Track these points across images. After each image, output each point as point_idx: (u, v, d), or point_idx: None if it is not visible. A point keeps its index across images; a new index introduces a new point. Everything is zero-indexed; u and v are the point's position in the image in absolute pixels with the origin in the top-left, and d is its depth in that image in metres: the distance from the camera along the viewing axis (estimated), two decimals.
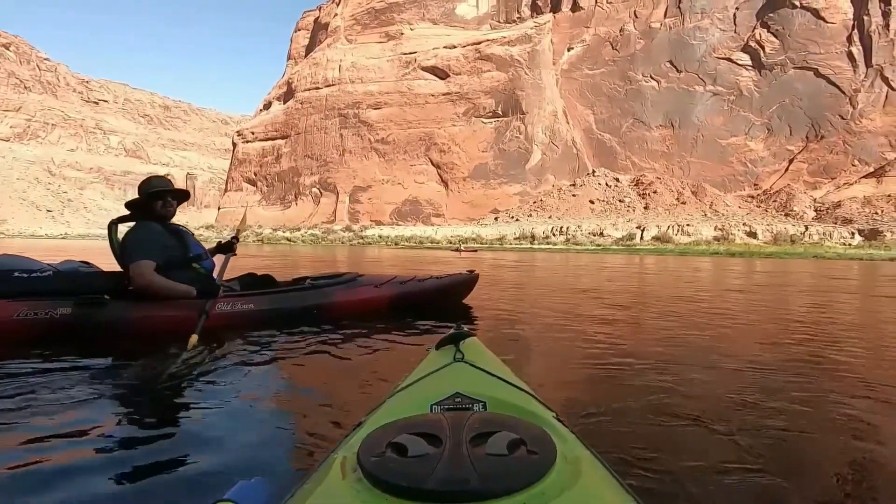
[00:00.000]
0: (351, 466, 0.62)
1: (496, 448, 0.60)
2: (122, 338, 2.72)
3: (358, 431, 0.80)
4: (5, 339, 2.55)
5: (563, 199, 74.92)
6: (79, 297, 2.70)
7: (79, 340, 2.63)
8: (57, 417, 1.64)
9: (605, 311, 4.85)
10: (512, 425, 0.66)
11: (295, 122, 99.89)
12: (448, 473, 0.54)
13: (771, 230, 48.11)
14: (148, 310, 2.80)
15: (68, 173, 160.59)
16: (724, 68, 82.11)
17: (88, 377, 2.11)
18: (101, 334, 2.69)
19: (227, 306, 2.98)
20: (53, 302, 2.65)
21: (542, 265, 15.21)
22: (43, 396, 1.84)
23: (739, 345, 3.29)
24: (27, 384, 1.97)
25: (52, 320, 2.61)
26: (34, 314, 2.60)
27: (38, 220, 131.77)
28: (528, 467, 0.56)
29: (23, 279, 2.68)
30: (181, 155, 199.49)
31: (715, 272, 12.81)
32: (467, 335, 1.21)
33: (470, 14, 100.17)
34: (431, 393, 0.90)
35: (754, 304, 5.66)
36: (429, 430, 0.65)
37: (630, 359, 2.61)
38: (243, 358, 2.47)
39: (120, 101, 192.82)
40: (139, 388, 2.06)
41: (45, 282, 2.71)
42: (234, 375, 2.20)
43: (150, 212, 2.97)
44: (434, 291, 4.24)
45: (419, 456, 0.59)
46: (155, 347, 2.54)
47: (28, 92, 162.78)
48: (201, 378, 2.15)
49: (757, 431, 1.61)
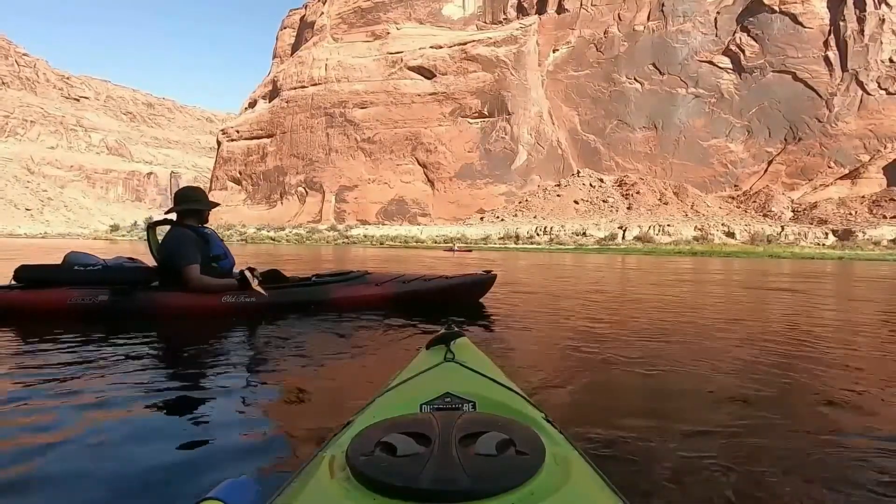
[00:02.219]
0: (339, 465, 0.62)
1: (485, 448, 0.60)
2: (145, 320, 3.29)
3: (347, 430, 0.80)
4: (60, 318, 3.23)
5: (548, 200, 75.69)
6: (114, 287, 3.36)
7: (112, 322, 3.21)
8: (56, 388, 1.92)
9: (588, 308, 4.92)
10: (501, 426, 0.67)
11: (280, 121, 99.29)
12: (437, 473, 0.54)
13: (749, 230, 49.32)
14: (166, 298, 3.40)
15: (48, 171, 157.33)
16: (705, 71, 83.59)
17: (99, 355, 2.45)
18: (128, 317, 3.30)
19: (231, 298, 3.45)
20: (97, 290, 3.33)
21: (524, 263, 15.63)
22: (50, 364, 2.24)
23: (726, 342, 3.25)
24: (47, 355, 2.43)
25: (94, 305, 3.30)
26: (81, 300, 3.30)
27: (16, 218, 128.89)
28: (517, 468, 0.57)
29: (79, 272, 3.40)
30: (165, 153, 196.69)
31: (685, 271, 13.34)
32: (458, 335, 1.20)
33: (456, 14, 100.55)
34: (421, 392, 0.90)
35: (731, 302, 5.99)
36: (418, 430, 0.65)
37: (618, 358, 2.62)
38: (231, 355, 2.53)
39: (102, 98, 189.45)
40: (140, 372, 2.17)
41: (94, 274, 3.40)
42: (221, 373, 2.21)
43: (194, 218, 3.58)
44: (444, 290, 4.21)
45: (408, 455, 0.59)
46: (172, 328, 3.19)
47: (6, 88, 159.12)
48: (189, 375, 2.19)
49: (745, 430, 1.63)
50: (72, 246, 25.53)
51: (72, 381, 2.02)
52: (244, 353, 2.55)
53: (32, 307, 3.30)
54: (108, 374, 2.13)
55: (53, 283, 3.39)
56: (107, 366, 2.26)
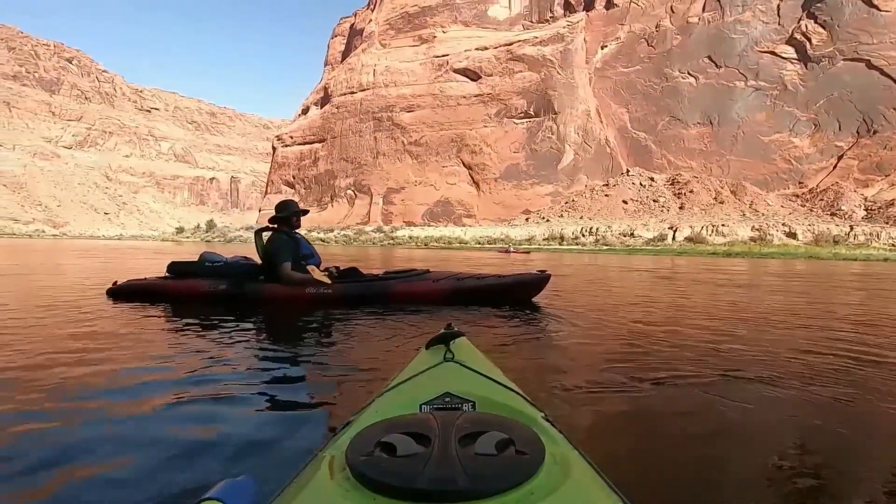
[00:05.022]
0: (339, 465, 0.62)
1: (485, 448, 0.60)
2: (253, 305, 4.17)
3: (346, 430, 0.80)
4: (195, 301, 4.32)
5: (596, 200, 73.96)
6: (231, 278, 4.34)
7: (229, 305, 4.15)
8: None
9: (633, 310, 4.74)
10: (501, 425, 0.67)
11: (331, 127, 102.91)
12: (437, 473, 0.55)
13: (812, 230, 46.15)
14: (267, 289, 4.25)
15: (123, 178, 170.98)
16: (766, 62, 78.95)
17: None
18: (240, 302, 4.22)
19: (314, 289, 4.20)
20: (219, 281, 4.33)
21: (568, 263, 15.68)
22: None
23: (747, 349, 2.98)
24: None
25: (217, 292, 4.27)
26: (209, 288, 4.31)
27: (96, 222, 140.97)
28: (517, 467, 0.57)
29: (209, 267, 4.48)
30: (226, 159, 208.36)
31: (742, 275, 12.93)
32: (458, 335, 1.21)
33: (502, 15, 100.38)
34: (421, 392, 0.90)
35: (740, 306, 5.74)
36: (418, 430, 0.65)
37: (626, 359, 2.56)
38: (231, 355, 2.57)
39: (170, 109, 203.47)
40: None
41: (218, 269, 4.45)
42: (222, 372, 2.26)
43: (286, 224, 4.40)
44: (499, 288, 4.51)
45: (408, 455, 0.59)
46: (274, 314, 3.95)
47: (88, 102, 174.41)
48: (190, 371, 2.24)
49: (745, 433, 1.60)
50: (143, 248, 28.19)
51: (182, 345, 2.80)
52: (241, 354, 2.61)
53: (178, 292, 4.41)
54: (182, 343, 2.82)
55: (191, 275, 4.49)
56: (191, 336, 3.04)
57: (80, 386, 2.02)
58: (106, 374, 2.19)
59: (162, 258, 13.73)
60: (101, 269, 10.09)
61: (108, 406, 1.77)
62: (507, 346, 2.86)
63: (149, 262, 12.89)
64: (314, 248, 4.51)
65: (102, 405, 1.78)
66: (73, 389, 1.97)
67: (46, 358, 2.44)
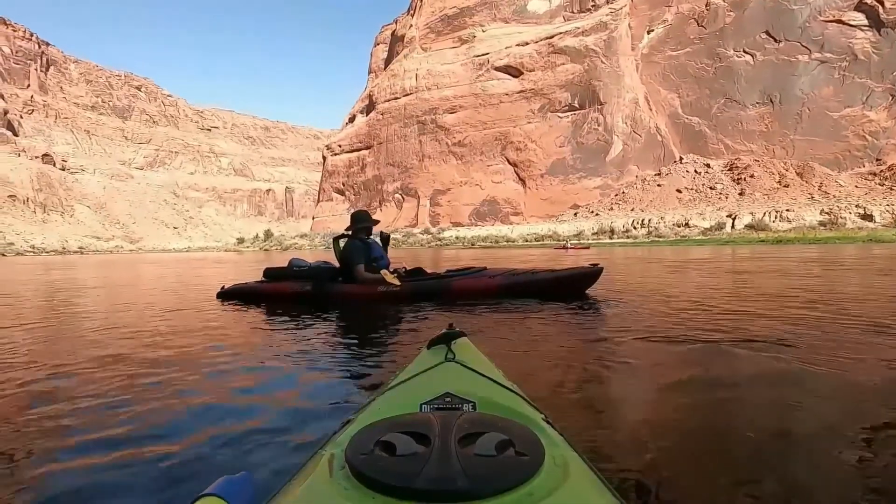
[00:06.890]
0: (339, 464, 0.62)
1: (485, 449, 0.60)
2: (333, 302, 4.79)
3: (346, 429, 0.80)
4: (286, 300, 5.00)
5: (647, 190, 71.45)
6: (314, 280, 4.99)
7: (312, 303, 4.78)
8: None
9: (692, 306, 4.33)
10: (501, 426, 0.67)
11: (377, 133, 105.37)
12: (436, 473, 0.55)
13: (892, 211, 42.39)
14: (345, 288, 4.89)
15: (189, 194, 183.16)
16: (832, 32, 73.13)
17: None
18: (322, 301, 4.84)
19: (384, 287, 4.73)
20: (305, 283, 4.99)
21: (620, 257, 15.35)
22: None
23: (766, 343, 2.75)
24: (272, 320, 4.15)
25: (303, 292, 4.92)
26: (296, 288, 4.98)
27: (166, 236, 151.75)
28: (516, 468, 0.57)
29: (296, 270, 5.16)
30: (280, 171, 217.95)
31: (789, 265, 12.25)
32: (459, 335, 1.21)
33: (542, 8, 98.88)
34: (422, 392, 0.90)
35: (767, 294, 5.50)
36: (418, 430, 0.65)
37: (630, 358, 2.53)
38: (231, 352, 2.67)
39: (228, 127, 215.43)
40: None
41: (303, 272, 5.13)
42: (222, 370, 2.31)
43: (359, 232, 5.01)
44: (552, 282, 4.87)
45: (408, 455, 0.59)
46: (350, 310, 4.54)
47: (156, 126, 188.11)
48: (192, 368, 2.29)
49: (749, 434, 1.55)
50: (209, 258, 31.20)
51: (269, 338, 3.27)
52: (241, 351, 2.74)
53: (272, 293, 5.15)
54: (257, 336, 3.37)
55: (283, 278, 5.19)
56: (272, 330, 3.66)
57: (219, 365, 2.53)
58: (227, 358, 2.68)
59: (223, 267, 15.40)
60: (195, 276, 11.58)
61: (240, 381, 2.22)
62: (538, 342, 2.95)
63: (216, 270, 14.42)
64: (384, 252, 5.07)
65: (237, 381, 2.21)
66: (215, 367, 2.47)
67: (193, 346, 3.07)
